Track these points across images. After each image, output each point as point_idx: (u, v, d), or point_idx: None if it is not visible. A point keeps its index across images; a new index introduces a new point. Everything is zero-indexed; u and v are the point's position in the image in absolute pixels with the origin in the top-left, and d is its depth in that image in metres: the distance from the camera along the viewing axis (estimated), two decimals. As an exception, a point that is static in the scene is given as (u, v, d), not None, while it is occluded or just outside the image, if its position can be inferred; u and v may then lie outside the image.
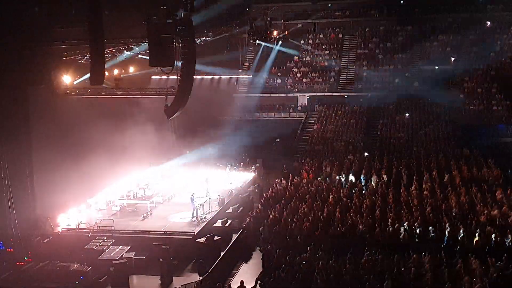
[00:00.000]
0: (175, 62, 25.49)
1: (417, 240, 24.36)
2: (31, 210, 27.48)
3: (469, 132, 41.64)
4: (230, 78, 52.68)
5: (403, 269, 21.30)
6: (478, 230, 24.20)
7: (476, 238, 23.58)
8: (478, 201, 27.89)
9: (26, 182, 27.37)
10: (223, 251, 25.28)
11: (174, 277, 23.38)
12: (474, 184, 30.57)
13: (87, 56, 27.84)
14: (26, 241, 25.84)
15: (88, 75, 26.38)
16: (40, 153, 28.23)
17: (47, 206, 27.86)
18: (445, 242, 23.85)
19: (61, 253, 24.95)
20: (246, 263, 25.52)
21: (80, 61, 30.61)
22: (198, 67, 28.30)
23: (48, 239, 26.32)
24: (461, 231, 24.13)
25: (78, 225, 27.76)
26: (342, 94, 51.34)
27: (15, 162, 26.60)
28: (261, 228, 26.85)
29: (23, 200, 26.97)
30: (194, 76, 28.39)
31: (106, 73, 27.89)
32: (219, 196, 31.40)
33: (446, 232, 24.27)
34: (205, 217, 28.50)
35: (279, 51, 53.66)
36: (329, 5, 56.94)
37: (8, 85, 26.22)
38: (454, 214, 26.48)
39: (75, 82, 31.68)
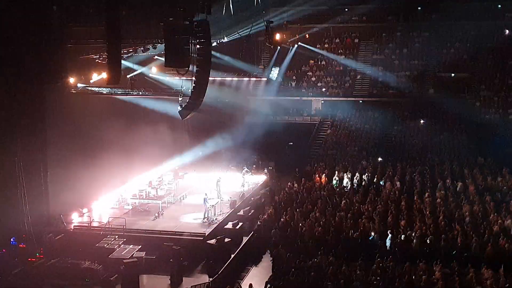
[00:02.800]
0: (191, 63, 25.63)
1: (428, 248, 24.17)
2: (44, 207, 27.69)
3: (484, 141, 41.26)
4: (245, 80, 52.71)
5: (414, 277, 21.17)
6: (490, 240, 24.02)
7: (488, 248, 23.40)
8: (492, 211, 27.64)
9: (40, 179, 27.57)
10: (233, 253, 25.30)
11: (183, 278, 23.41)
12: (488, 193, 30.31)
13: (104, 56, 27.99)
14: (38, 238, 26.05)
15: (104, 74, 26.57)
16: (54, 150, 28.45)
17: (60, 203, 28.06)
18: (457, 251, 23.68)
19: (73, 250, 25.14)
20: (256, 266, 25.51)
21: (96, 60, 30.80)
22: (213, 68, 28.40)
23: (60, 236, 26.54)
24: (474, 240, 23.95)
25: (90, 223, 27.95)
26: (357, 99, 51.13)
27: (30, 159, 26.81)
28: (272, 232, 26.82)
29: (37, 197, 27.17)
30: (209, 78, 28.49)
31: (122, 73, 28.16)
32: (230, 198, 31.43)
33: (458, 241, 24.11)
34: (216, 219, 28.54)
35: (294, 54, 53.64)
36: (346, 9, 56.73)
37: (25, 82, 26.46)
38: (466, 223, 26.27)
39: (91, 81, 31.89)
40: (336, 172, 35.96)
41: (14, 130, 26.22)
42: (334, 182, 34.32)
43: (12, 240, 25.57)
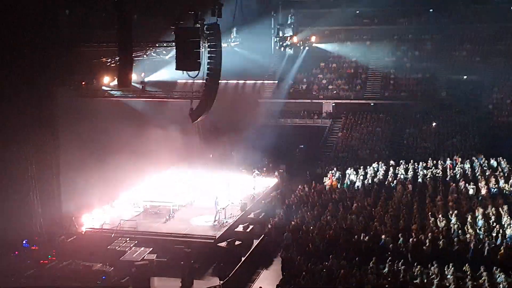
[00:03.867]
0: (201, 66, 25.70)
1: (441, 251, 24.00)
2: (56, 210, 27.80)
3: (497, 143, 41.00)
4: (255, 83, 52.77)
5: (425, 280, 21.03)
6: (503, 243, 23.81)
7: (501, 252, 23.20)
8: (505, 214, 27.41)
9: (52, 182, 27.69)
10: (244, 256, 25.24)
11: (194, 280, 23.38)
12: (501, 196, 30.07)
13: (115, 59, 28.14)
14: (51, 240, 26.15)
15: (115, 78, 26.71)
16: (66, 153, 28.59)
17: (72, 206, 28.21)
18: (470, 255, 23.49)
19: (84, 252, 25.19)
20: (267, 269, 25.45)
21: (108, 64, 30.98)
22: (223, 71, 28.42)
23: (72, 238, 26.65)
24: (487, 243, 23.76)
25: (102, 226, 28.05)
26: (368, 101, 50.95)
27: (42, 162, 26.94)
28: (284, 235, 26.74)
29: (49, 200, 27.29)
30: (220, 81, 28.54)
31: (134, 76, 28.33)
32: (241, 201, 31.43)
33: (471, 244, 23.93)
34: (226, 222, 28.55)
35: (305, 57, 53.61)
36: (357, 12, 56.61)
37: (37, 85, 26.62)
38: (479, 227, 26.06)
39: (103, 85, 32.06)
40: (347, 175, 35.87)
41: (26, 133, 26.37)
42: (345, 185, 34.22)
43: (24, 242, 25.70)
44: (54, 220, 27.30)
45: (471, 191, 31.23)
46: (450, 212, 28.06)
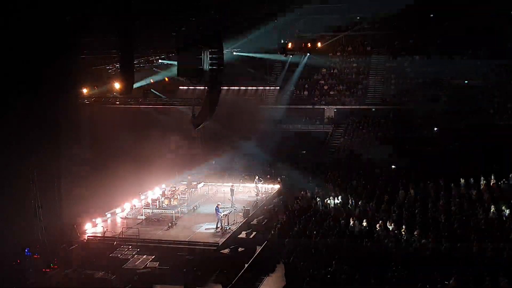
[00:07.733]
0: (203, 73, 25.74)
1: (443, 256, 23.91)
2: (58, 217, 27.77)
3: (499, 148, 40.88)
4: (257, 89, 52.82)
5: (428, 285, 20.94)
6: (506, 248, 23.71)
7: (505, 256, 23.10)
8: (507, 218, 27.32)
9: (53, 189, 27.67)
10: (247, 263, 25.19)
11: (197, 288, 23.39)
12: (503, 200, 29.97)
13: (117, 66, 28.19)
14: (52, 248, 26.11)
15: (117, 85, 26.73)
16: (67, 161, 28.59)
17: (73, 214, 28.19)
18: (473, 259, 23.40)
19: (87, 260, 25.19)
20: (270, 275, 25.34)
21: (109, 71, 31.03)
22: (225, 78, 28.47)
23: (74, 246, 26.61)
24: (489, 248, 23.67)
25: (104, 233, 28.01)
26: (369, 107, 50.95)
27: (43, 169, 26.93)
28: (286, 241, 26.68)
29: (51, 207, 27.26)
30: (221, 87, 28.55)
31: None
32: (244, 207, 31.39)
33: (474, 249, 23.83)
34: (229, 228, 28.50)
35: (306, 63, 53.68)
36: (358, 18, 56.70)
37: (38, 93, 26.62)
38: (482, 231, 25.96)
39: (105, 93, 32.10)
40: (349, 180, 35.78)
41: (28, 141, 26.35)
42: (348, 190, 34.11)
43: (26, 250, 25.67)
44: (55, 228, 27.26)
45: (473, 196, 31.16)
46: (453, 216, 27.99)
